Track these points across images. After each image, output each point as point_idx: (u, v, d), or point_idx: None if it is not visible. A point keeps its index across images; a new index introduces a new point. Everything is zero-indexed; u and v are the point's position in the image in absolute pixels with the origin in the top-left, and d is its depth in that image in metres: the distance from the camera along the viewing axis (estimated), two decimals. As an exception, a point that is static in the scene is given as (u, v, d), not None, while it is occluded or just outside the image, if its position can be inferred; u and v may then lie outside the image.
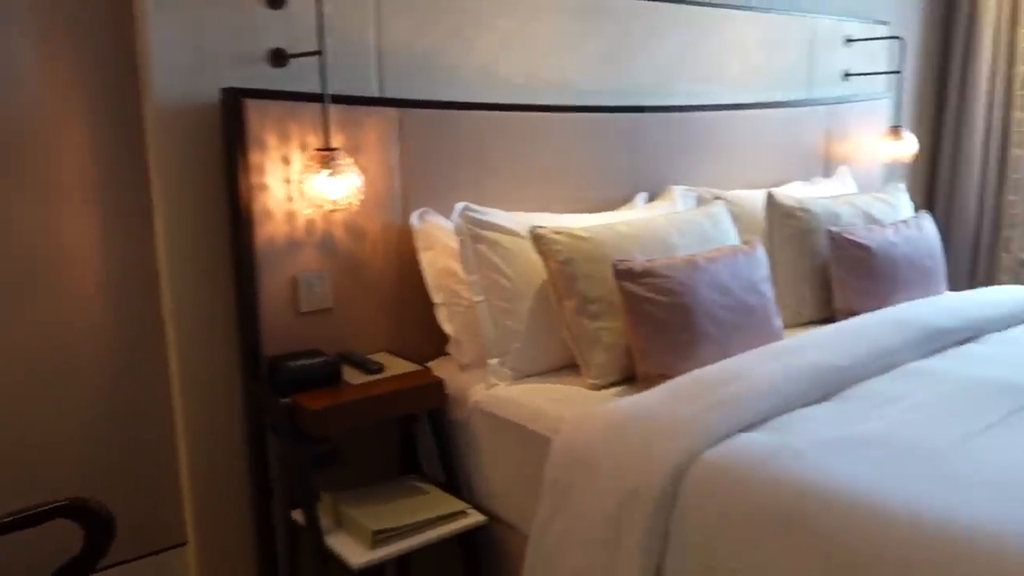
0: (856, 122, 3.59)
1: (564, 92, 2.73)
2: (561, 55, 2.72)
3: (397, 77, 2.39)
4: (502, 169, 2.58)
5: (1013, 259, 3.92)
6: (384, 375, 2.22)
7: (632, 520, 1.72)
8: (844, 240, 2.74)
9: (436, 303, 2.42)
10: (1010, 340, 2.44)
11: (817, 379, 2.04)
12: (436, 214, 2.43)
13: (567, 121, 2.71)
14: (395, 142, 2.36)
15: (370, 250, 2.36)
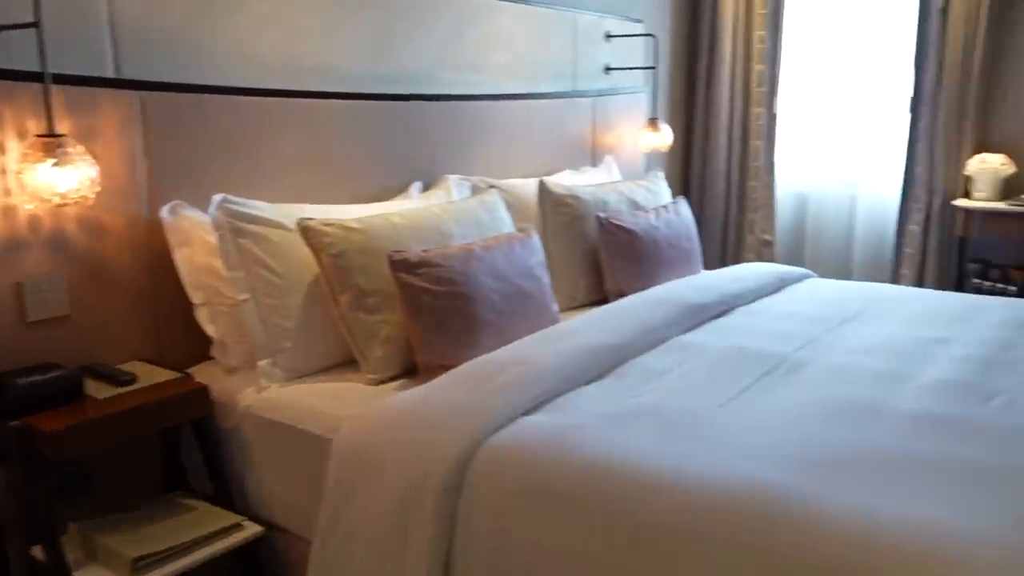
0: (618, 114, 3.80)
1: (328, 77, 2.64)
2: (324, 39, 2.62)
3: (136, 56, 2.17)
4: (264, 158, 2.45)
5: (756, 239, 4.34)
6: (136, 386, 2.03)
7: (419, 513, 1.69)
8: (612, 225, 2.89)
9: (196, 303, 2.26)
10: (756, 312, 2.70)
11: (593, 358, 2.13)
12: (191, 207, 2.25)
13: (333, 108, 2.62)
14: (137, 128, 2.15)
15: (113, 248, 2.15)
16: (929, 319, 2.56)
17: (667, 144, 3.76)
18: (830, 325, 2.51)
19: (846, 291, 2.94)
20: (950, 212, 3.80)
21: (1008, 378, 2.03)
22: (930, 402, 1.88)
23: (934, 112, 3.80)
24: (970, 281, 3.76)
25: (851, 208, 4.23)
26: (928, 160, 3.83)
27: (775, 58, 4.20)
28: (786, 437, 1.70)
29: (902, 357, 2.20)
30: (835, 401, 1.89)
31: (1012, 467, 1.55)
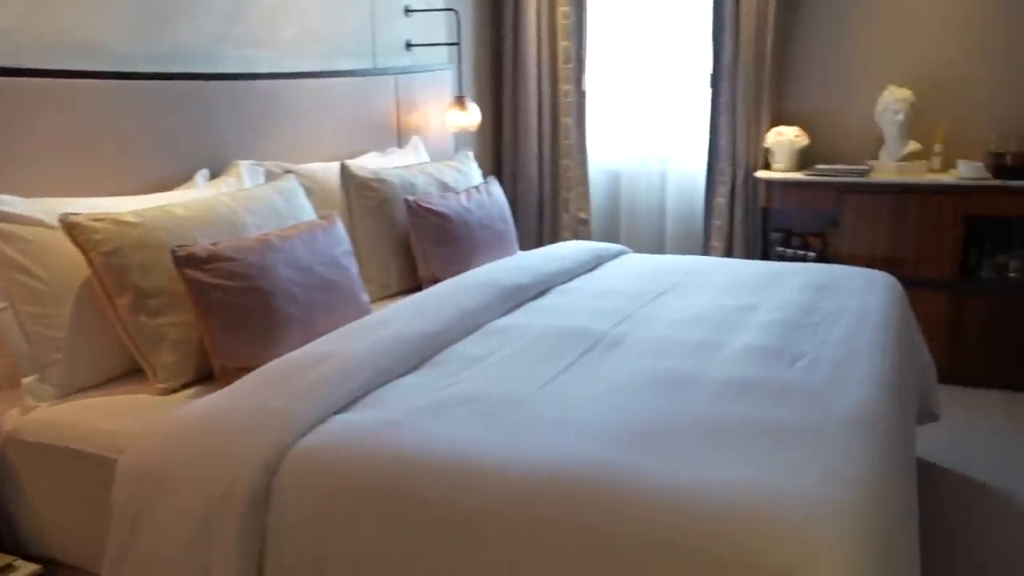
0: (423, 92, 3.77)
1: (94, 55, 2.43)
2: (86, 11, 2.41)
3: None
4: (16, 147, 2.22)
5: (572, 218, 4.47)
6: None
7: (222, 533, 1.61)
8: (421, 208, 2.86)
9: None
10: (574, 290, 2.77)
11: (408, 349, 2.10)
12: None
13: (101, 89, 2.42)
14: None
15: None
16: (738, 288, 2.73)
17: (475, 123, 3.77)
18: (646, 300, 2.62)
19: (660, 265, 3.09)
20: (752, 184, 4.08)
21: (810, 340, 2.20)
22: (740, 368, 2.00)
23: (733, 88, 4.06)
24: (774, 249, 4.05)
25: (662, 183, 4.44)
26: (730, 134, 4.09)
27: (580, 34, 4.33)
28: (605, 414, 1.76)
29: (714, 326, 2.33)
30: (652, 374, 1.97)
31: (817, 424, 1.68)
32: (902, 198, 3.66)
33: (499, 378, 1.99)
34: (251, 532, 1.61)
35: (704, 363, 2.04)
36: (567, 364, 2.07)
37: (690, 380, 1.93)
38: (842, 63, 4.02)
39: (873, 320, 2.36)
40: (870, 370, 1.98)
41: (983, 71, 3.79)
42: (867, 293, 2.62)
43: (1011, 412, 3.40)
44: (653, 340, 2.22)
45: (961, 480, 2.88)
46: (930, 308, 3.54)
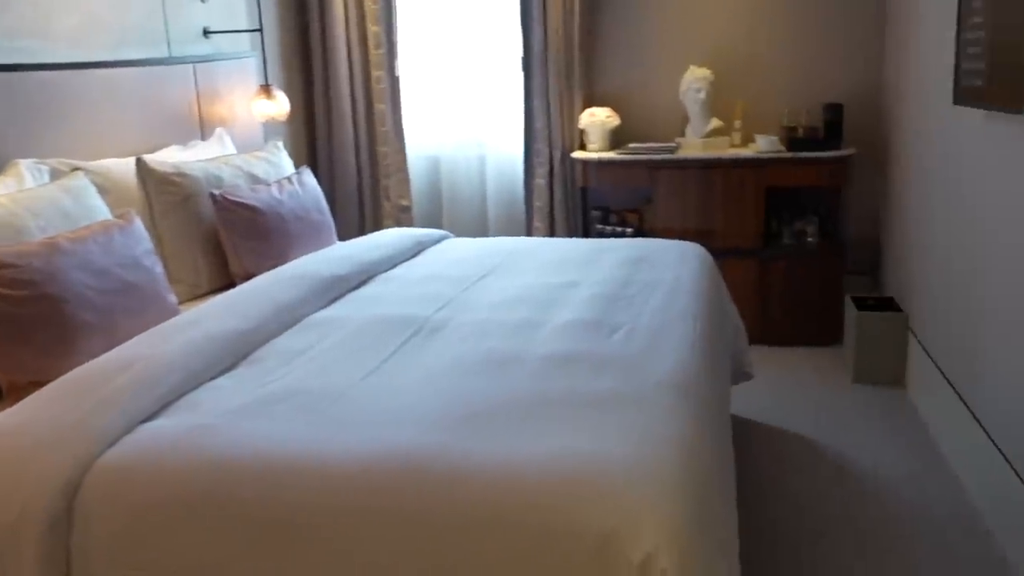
0: (226, 81, 3.62)
1: None
2: None
3: None
4: None
5: (393, 205, 4.44)
6: None
7: (19, 558, 1.50)
8: (229, 202, 2.76)
9: None
10: (395, 278, 2.76)
11: (221, 348, 2.03)
12: None
13: None
14: None
15: None
16: (559, 266, 2.81)
17: (284, 112, 3.66)
18: (468, 283, 2.64)
19: (482, 248, 3.13)
20: (570, 165, 4.20)
21: (627, 312, 2.30)
22: (561, 343, 2.05)
23: (545, 71, 4.16)
24: (594, 227, 4.20)
25: (481, 167, 4.49)
26: (545, 117, 4.19)
27: (390, 19, 4.29)
28: (428, 398, 1.76)
29: (536, 305, 2.38)
30: (474, 356, 2.00)
31: (634, 392, 1.76)
32: (708, 172, 3.88)
33: (320, 371, 1.96)
34: (52, 557, 1.52)
35: (526, 341, 2.08)
36: (390, 352, 2.07)
37: (513, 359, 1.96)
38: (647, 45, 4.22)
39: (686, 289, 2.50)
40: (683, 336, 2.10)
41: (775, 50, 4.08)
42: (679, 264, 2.76)
43: (816, 367, 3.70)
44: (475, 323, 2.24)
45: (776, 433, 3.10)
46: (738, 275, 3.78)
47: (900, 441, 3.00)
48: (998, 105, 2.27)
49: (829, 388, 3.48)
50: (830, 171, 3.82)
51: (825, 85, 4.03)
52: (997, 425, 2.44)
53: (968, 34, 2.51)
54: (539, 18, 4.09)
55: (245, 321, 2.16)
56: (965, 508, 2.54)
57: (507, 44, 4.30)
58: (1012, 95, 2.16)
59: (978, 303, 2.61)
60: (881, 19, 3.99)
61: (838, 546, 2.41)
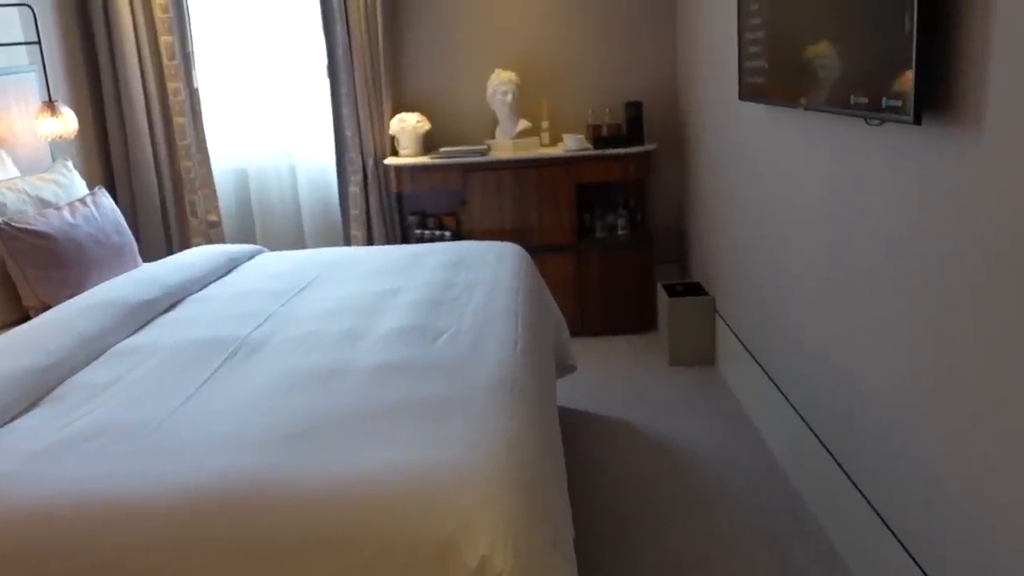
0: (3, 99, 3.35)
1: None
2: None
3: None
4: None
5: (201, 221, 4.26)
6: None
7: None
8: (16, 230, 2.55)
9: None
10: (208, 298, 2.66)
11: (18, 387, 1.89)
12: None
13: None
14: None
15: None
16: (380, 273, 2.80)
17: (72, 130, 3.43)
18: (287, 297, 2.59)
19: (299, 260, 3.07)
20: (383, 171, 4.19)
21: (449, 315, 2.33)
22: (387, 353, 2.05)
23: (351, 78, 4.12)
24: (413, 232, 4.21)
25: (292, 177, 4.39)
26: (355, 124, 4.16)
27: (184, 28, 4.12)
28: (252, 421, 1.72)
29: (358, 314, 2.37)
30: (298, 372, 1.96)
31: (461, 396, 1.78)
32: (520, 173, 3.99)
33: (130, 404, 1.86)
34: None
35: (351, 352, 2.07)
36: (206, 376, 1.99)
37: (339, 372, 1.94)
38: (452, 49, 4.28)
39: (505, 287, 2.56)
40: (506, 335, 2.15)
41: (576, 52, 4.25)
42: (497, 264, 2.83)
43: (634, 353, 3.89)
44: (297, 337, 2.20)
45: (601, 421, 3.24)
46: (556, 270, 3.92)
47: (714, 415, 3.21)
48: (777, 100, 2.48)
49: (648, 372, 3.67)
50: (635, 166, 4.02)
51: (626, 84, 4.24)
52: (796, 392, 2.66)
53: (748, 34, 2.72)
54: (341, 23, 4.06)
55: (44, 356, 2.01)
56: (775, 471, 2.76)
57: (311, 51, 4.24)
58: (789, 91, 2.36)
59: (772, 281, 2.83)
60: (672, 21, 4.24)
61: (660, 514, 2.55)
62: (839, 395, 2.27)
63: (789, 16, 2.33)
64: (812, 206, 2.40)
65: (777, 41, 2.45)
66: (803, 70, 2.21)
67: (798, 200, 2.52)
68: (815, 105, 2.14)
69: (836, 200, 2.22)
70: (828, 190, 2.27)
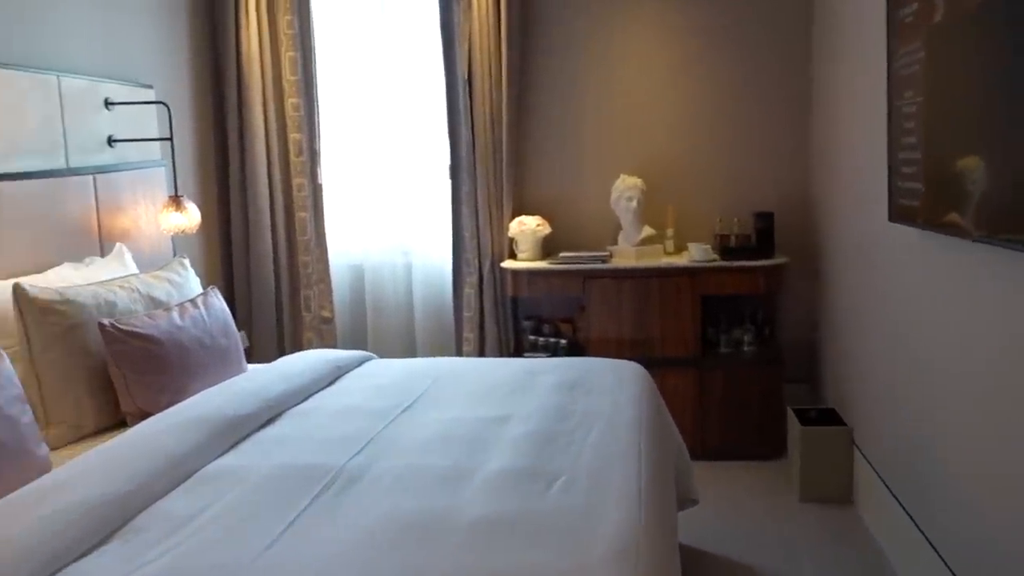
0: (130, 193, 3.32)
1: None
2: None
3: None
4: None
5: (314, 317, 4.13)
6: None
7: None
8: (121, 332, 2.41)
9: None
10: (308, 413, 2.43)
11: (91, 519, 1.68)
12: None
13: None
14: None
15: None
16: (488, 394, 2.53)
17: (195, 224, 3.36)
18: (390, 417, 2.34)
19: (407, 371, 2.83)
20: (500, 274, 3.97)
21: (564, 455, 2.01)
22: (493, 502, 1.76)
23: (473, 179, 3.96)
24: (527, 337, 3.96)
25: (408, 276, 4.23)
26: (473, 225, 3.98)
27: (312, 126, 4.08)
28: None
29: (464, 446, 2.09)
30: (396, 519, 1.69)
31: (575, 568, 1.48)
32: (642, 281, 3.69)
33: (213, 543, 1.62)
34: None
35: (453, 498, 1.78)
36: (296, 515, 1.74)
37: (439, 523, 1.66)
38: (576, 153, 4.07)
39: (626, 421, 2.24)
40: (628, 483, 1.83)
41: (705, 159, 3.97)
42: (617, 389, 2.52)
43: (760, 484, 3.46)
44: (396, 472, 1.93)
45: (723, 564, 2.84)
46: (676, 386, 3.57)
47: (851, 564, 2.76)
48: (937, 227, 2.14)
49: (775, 508, 3.24)
50: (764, 279, 3.66)
51: (755, 193, 3.93)
52: (952, 549, 2.22)
53: (902, 154, 2.40)
54: (466, 124, 3.92)
55: (122, 482, 1.80)
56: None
57: (434, 150, 4.12)
58: (946, 217, 2.03)
59: (924, 418, 2.43)
60: (806, 130, 3.94)
61: None
62: (1011, 561, 1.85)
63: (954, 138, 2.01)
64: (979, 339, 2.02)
65: (937, 164, 2.13)
66: (972, 197, 1.88)
67: (961, 332, 2.13)
68: (988, 237, 1.80)
69: (1012, 337, 1.84)
70: (1002, 326, 1.90)
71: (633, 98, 4.01)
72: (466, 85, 3.91)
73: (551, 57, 4.04)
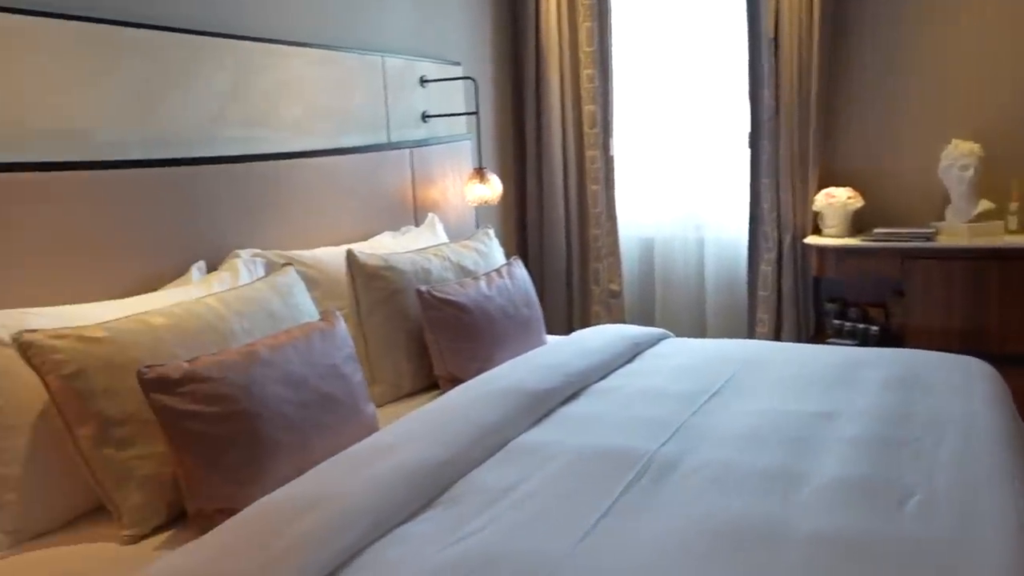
0: (440, 165, 3.46)
1: (71, 144, 2.14)
2: (63, 97, 2.12)
3: None
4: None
5: (603, 290, 4.09)
6: None
7: None
8: (435, 299, 2.49)
9: None
10: (610, 391, 2.33)
11: (416, 483, 1.70)
12: None
13: (79, 180, 2.12)
14: None
15: None
16: (806, 385, 2.29)
17: (497, 195, 3.43)
18: (697, 403, 2.18)
19: (708, 354, 2.65)
20: (802, 251, 3.66)
21: (913, 468, 1.73)
22: (832, 515, 1.54)
23: (775, 146, 3.67)
24: (830, 322, 3.63)
25: (700, 250, 4.04)
26: (774, 197, 3.70)
27: (606, 97, 4.00)
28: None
29: (788, 445, 1.87)
30: (719, 523, 1.53)
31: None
32: (978, 264, 3.21)
33: (528, 524, 1.58)
34: None
35: (783, 507, 1.58)
36: (610, 503, 1.64)
37: (769, 536, 1.48)
38: (896, 117, 3.62)
39: (986, 431, 1.90)
40: (1002, 513, 1.52)
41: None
42: (968, 392, 2.16)
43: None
44: (714, 466, 1.77)
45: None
46: (1018, 389, 3.09)
47: None
48: None
49: None
50: None
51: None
52: None
53: None
54: (770, 87, 3.62)
55: (443, 448, 1.82)
56: None
57: (732, 117, 3.87)
58: None
59: None
60: None
61: None
62: None
63: None
64: None
65: None
66: None
67: None
68: None
69: None
70: None
71: (973, 51, 3.47)
72: (771, 43, 3.60)
73: (876, 4, 3.60)
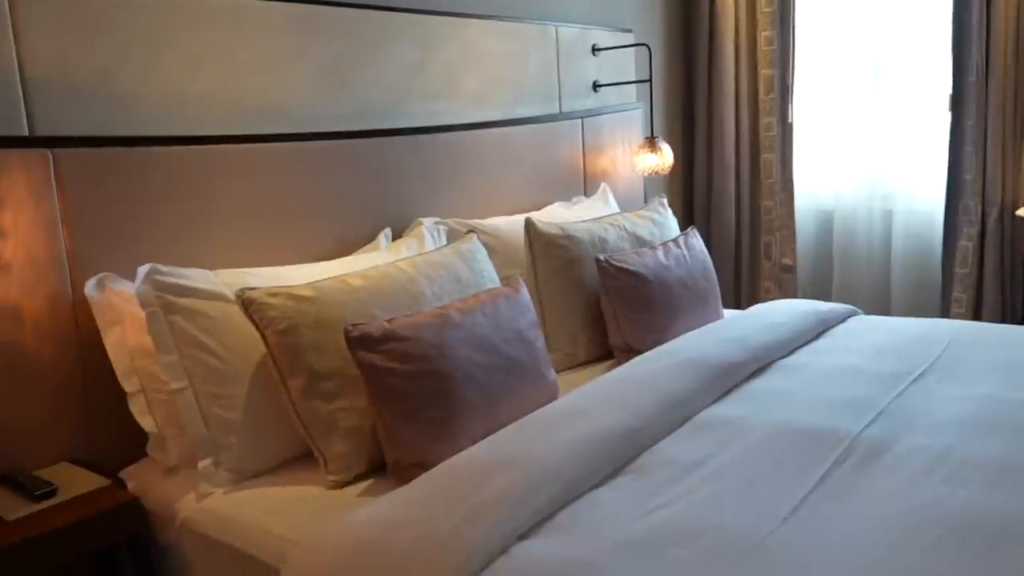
0: (611, 135, 3.44)
1: (277, 118, 2.31)
2: (270, 75, 2.29)
3: (51, 109, 1.86)
4: (203, 217, 2.13)
5: (774, 265, 3.95)
6: (57, 500, 1.73)
7: None
8: (613, 268, 2.49)
9: (129, 392, 1.92)
10: (799, 368, 2.24)
11: (605, 449, 1.71)
12: (121, 279, 1.93)
13: (284, 152, 2.29)
14: (51, 191, 1.84)
15: (32, 333, 1.84)
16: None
17: (668, 165, 3.37)
18: (901, 385, 2.04)
19: (907, 332, 2.47)
20: (1011, 226, 3.35)
21: None
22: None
23: (982, 110, 3.34)
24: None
25: (886, 226, 3.77)
26: (978, 166, 3.37)
27: (786, 60, 3.82)
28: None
29: (1013, 435, 1.72)
30: (945, 515, 1.42)
31: None
32: None
33: (722, 500, 1.54)
34: None
35: (1019, 503, 1.44)
36: (812, 485, 1.57)
37: (1007, 533, 1.35)
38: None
39: None
40: None
41: None
42: None
43: None
44: (931, 453, 1.65)
45: None
46: None
47: None
48: None
49: None
50: None
51: None
52: None
53: None
54: (978, 42, 3.28)
55: (631, 416, 1.81)
56: None
57: (930, 79, 3.57)
58: None
59: None
60: None
61: None
62: None
63: None
64: None
65: None
66: None
67: None
68: None
69: None
70: None
71: None
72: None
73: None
